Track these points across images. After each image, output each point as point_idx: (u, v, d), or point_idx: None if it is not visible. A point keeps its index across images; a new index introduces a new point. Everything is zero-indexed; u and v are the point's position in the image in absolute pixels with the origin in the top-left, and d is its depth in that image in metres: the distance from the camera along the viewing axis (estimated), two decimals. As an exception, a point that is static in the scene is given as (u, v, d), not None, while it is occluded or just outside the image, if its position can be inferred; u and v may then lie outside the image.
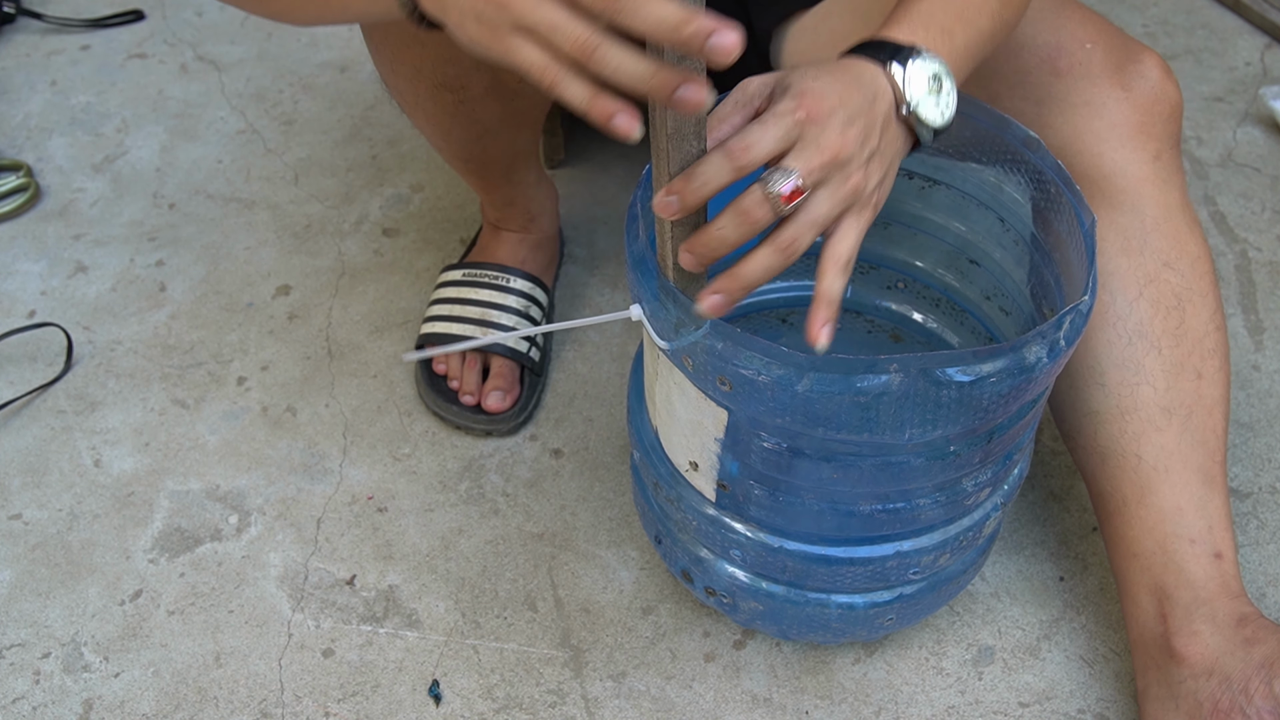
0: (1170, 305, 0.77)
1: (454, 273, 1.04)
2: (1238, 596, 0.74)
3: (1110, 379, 0.78)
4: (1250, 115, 1.27)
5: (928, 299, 0.88)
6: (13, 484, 0.98)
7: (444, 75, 0.81)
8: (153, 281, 1.14)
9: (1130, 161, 0.77)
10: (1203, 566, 0.75)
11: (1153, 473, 0.76)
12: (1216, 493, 0.77)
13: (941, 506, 0.69)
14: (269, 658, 0.86)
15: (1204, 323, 0.78)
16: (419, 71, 0.82)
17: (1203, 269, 0.79)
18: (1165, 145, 0.78)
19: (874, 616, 0.77)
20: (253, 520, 0.95)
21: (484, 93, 0.84)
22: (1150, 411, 0.77)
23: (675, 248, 0.61)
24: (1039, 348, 0.61)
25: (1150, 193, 0.77)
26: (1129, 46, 0.79)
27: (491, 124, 0.89)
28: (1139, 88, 0.77)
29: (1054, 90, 0.77)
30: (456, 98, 0.83)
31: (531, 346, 1.01)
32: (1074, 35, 0.78)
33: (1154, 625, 0.76)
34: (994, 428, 0.65)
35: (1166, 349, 0.77)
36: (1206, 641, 0.73)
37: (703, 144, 0.56)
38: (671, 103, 0.49)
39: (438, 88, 0.83)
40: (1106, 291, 0.77)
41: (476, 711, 0.83)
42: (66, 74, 1.40)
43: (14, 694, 0.85)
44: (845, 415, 0.60)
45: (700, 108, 0.49)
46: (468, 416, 0.99)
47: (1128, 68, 0.77)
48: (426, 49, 0.79)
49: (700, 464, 0.71)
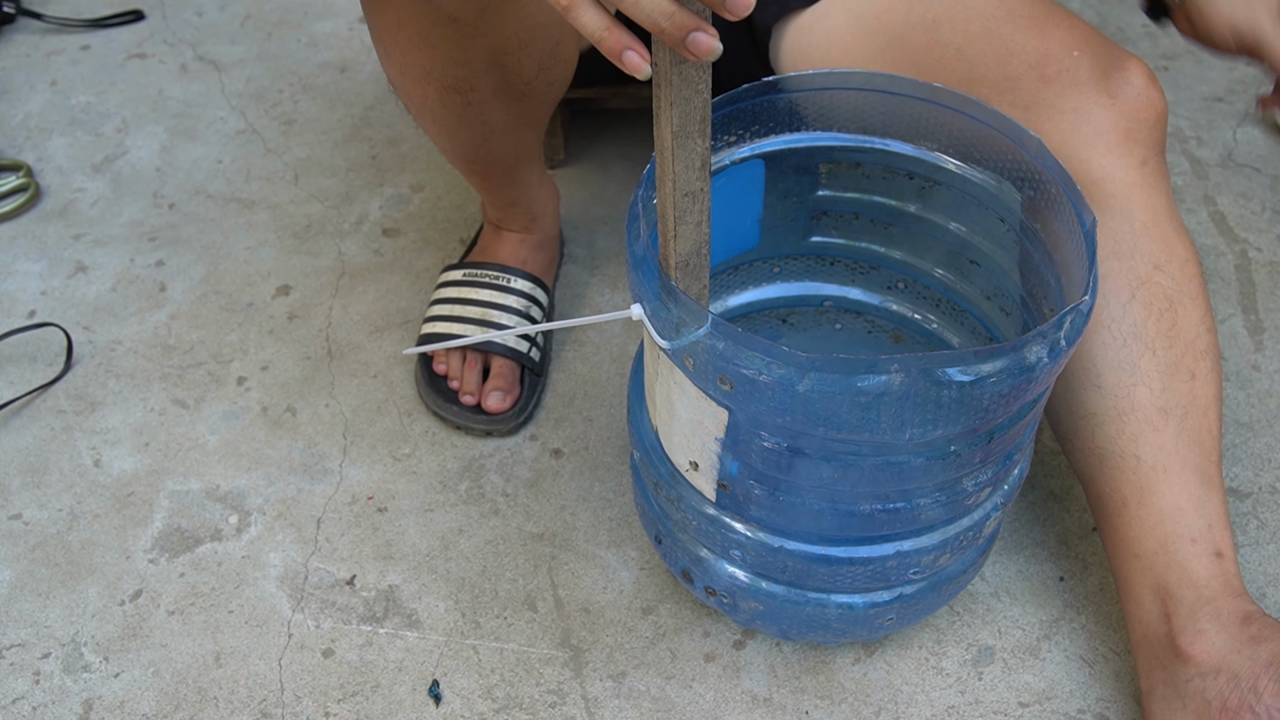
0: (1162, 307, 0.78)
1: (454, 273, 1.04)
2: (1240, 595, 0.74)
3: (1106, 380, 0.78)
4: (1250, 115, 1.28)
5: (928, 299, 0.88)
6: (13, 484, 0.98)
7: (454, 78, 0.82)
8: (153, 281, 1.14)
9: (1117, 167, 0.78)
10: (1205, 565, 0.75)
11: (1151, 473, 0.77)
12: (1214, 492, 0.77)
13: (942, 506, 0.69)
14: (269, 658, 0.86)
15: (1195, 324, 0.79)
16: (429, 74, 0.82)
17: (1192, 271, 0.80)
18: (1151, 151, 0.79)
19: (874, 616, 0.77)
20: (253, 520, 0.95)
21: (492, 94, 0.85)
22: (1147, 412, 0.77)
23: (678, 246, 0.61)
24: (1040, 347, 0.61)
25: (1138, 197, 0.78)
26: (1115, 54, 0.80)
27: (498, 125, 0.89)
28: (1125, 95, 0.78)
29: (1042, 97, 0.78)
30: (465, 99, 0.84)
31: (531, 346, 1.01)
32: (1061, 42, 0.79)
33: (1158, 625, 0.76)
34: (994, 428, 0.65)
35: (1161, 350, 0.78)
36: (1212, 640, 0.73)
37: (708, 99, 0.56)
38: (684, 46, 0.49)
39: (447, 90, 0.84)
40: (1099, 294, 0.78)
41: (476, 711, 0.83)
42: (66, 74, 1.40)
43: (14, 694, 0.85)
44: (846, 415, 0.60)
45: (710, 55, 0.49)
46: (468, 416, 0.99)
47: (1113, 75, 0.78)
48: (438, 50, 0.80)
49: (700, 464, 0.71)
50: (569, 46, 0.87)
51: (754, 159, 0.79)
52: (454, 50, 0.79)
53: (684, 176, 0.58)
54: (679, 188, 0.59)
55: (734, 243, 0.84)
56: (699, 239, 0.62)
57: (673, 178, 0.58)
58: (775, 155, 0.80)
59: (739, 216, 0.82)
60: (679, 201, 0.59)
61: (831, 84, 0.76)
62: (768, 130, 0.78)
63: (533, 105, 0.90)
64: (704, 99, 0.55)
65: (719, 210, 0.79)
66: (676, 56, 0.52)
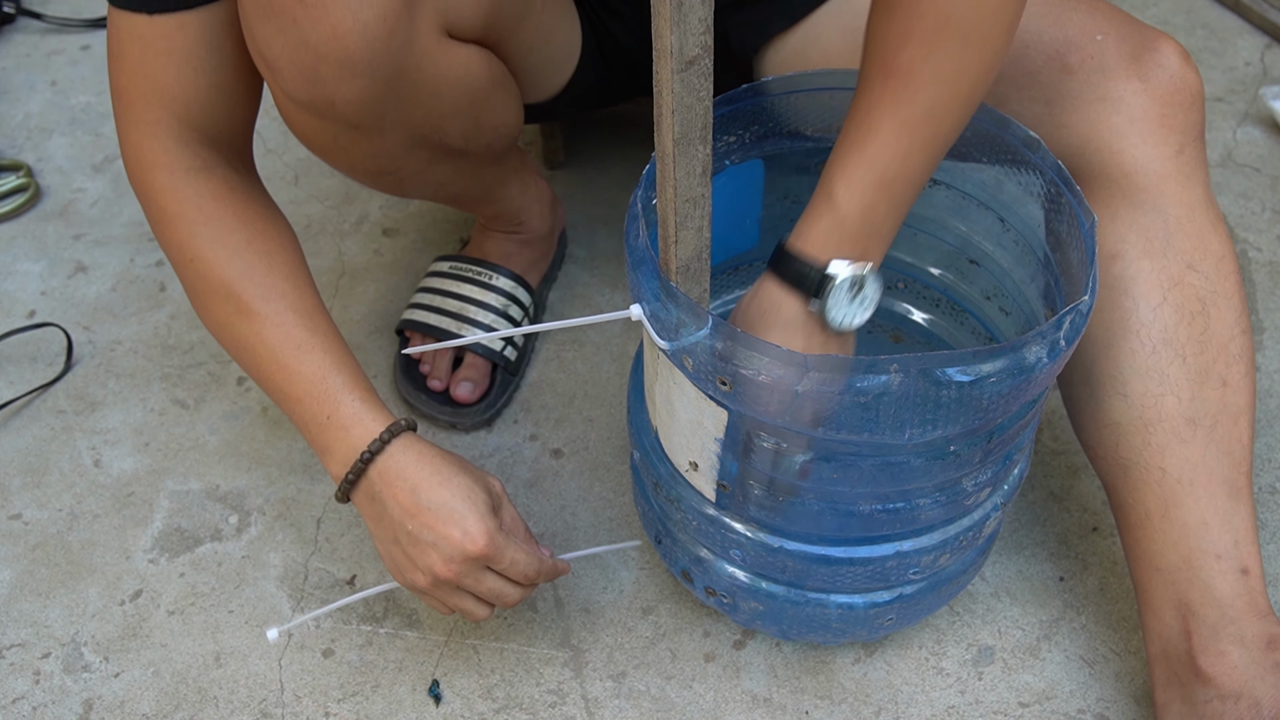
0: (1195, 310, 0.74)
1: (443, 264, 1.05)
2: (1266, 615, 0.72)
3: (1133, 389, 0.75)
4: (1250, 115, 1.27)
5: (928, 299, 0.88)
6: (13, 484, 0.98)
7: (377, 166, 0.79)
8: (153, 281, 1.14)
9: (1151, 158, 0.73)
10: (1229, 583, 0.72)
11: (1177, 486, 0.74)
12: (1243, 505, 0.74)
13: (942, 506, 0.69)
14: (269, 658, 0.86)
15: (1229, 326, 0.75)
16: (353, 168, 0.80)
17: (1227, 269, 0.75)
18: (1188, 138, 0.74)
19: (874, 616, 0.77)
20: (253, 520, 0.95)
21: (426, 164, 0.82)
22: (1174, 423, 0.74)
23: (679, 251, 0.61)
24: (1039, 348, 0.61)
25: (1173, 190, 0.74)
26: (1143, 34, 0.75)
27: (447, 179, 0.87)
28: (1157, 78, 0.73)
29: (1066, 88, 0.74)
30: (397, 177, 0.82)
31: (507, 345, 1.01)
32: (1082, 28, 0.74)
33: (1177, 641, 0.73)
34: (994, 428, 0.65)
35: (1191, 356, 0.74)
36: (1234, 663, 0.70)
37: (710, 106, 0.55)
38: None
39: (376, 175, 0.81)
40: (1129, 297, 0.74)
41: (476, 711, 0.83)
42: (66, 74, 1.40)
43: (14, 694, 0.85)
44: (846, 415, 0.60)
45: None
46: (435, 406, 0.99)
47: (1144, 57, 0.73)
48: (351, 152, 0.77)
49: (700, 464, 0.71)
50: (495, 115, 0.82)
51: (753, 159, 0.79)
52: (368, 148, 0.76)
53: (685, 183, 0.58)
54: (680, 194, 0.58)
55: (734, 243, 0.84)
56: (700, 244, 0.62)
57: (674, 184, 0.57)
58: (775, 156, 0.80)
59: (739, 217, 0.82)
60: (680, 207, 0.59)
61: (831, 84, 0.76)
62: (767, 131, 0.77)
63: (476, 159, 0.87)
64: (705, 106, 0.55)
65: (719, 210, 0.79)
66: (679, 63, 0.52)
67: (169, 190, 0.75)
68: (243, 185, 0.78)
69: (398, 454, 0.72)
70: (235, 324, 0.75)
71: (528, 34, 0.82)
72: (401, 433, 0.72)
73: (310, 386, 0.73)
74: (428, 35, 0.71)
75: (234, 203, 0.76)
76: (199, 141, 0.76)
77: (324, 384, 0.73)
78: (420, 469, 0.71)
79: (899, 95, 0.60)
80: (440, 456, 0.73)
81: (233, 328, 0.75)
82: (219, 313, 0.75)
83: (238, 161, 0.79)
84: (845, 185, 0.61)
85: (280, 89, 0.71)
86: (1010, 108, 0.76)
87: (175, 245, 0.76)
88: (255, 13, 0.67)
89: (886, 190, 0.61)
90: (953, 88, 0.61)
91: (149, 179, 0.76)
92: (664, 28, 0.51)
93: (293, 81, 0.69)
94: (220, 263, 0.75)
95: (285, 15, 0.66)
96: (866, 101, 0.61)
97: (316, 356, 0.73)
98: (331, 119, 0.72)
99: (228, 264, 0.75)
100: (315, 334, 0.74)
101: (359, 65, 0.68)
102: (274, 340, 0.74)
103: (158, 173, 0.75)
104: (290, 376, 0.73)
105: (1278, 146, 1.24)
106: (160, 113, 0.74)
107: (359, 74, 0.68)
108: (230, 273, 0.74)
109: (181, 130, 0.75)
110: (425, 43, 0.71)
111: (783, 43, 0.87)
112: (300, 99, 0.70)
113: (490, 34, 0.78)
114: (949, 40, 0.59)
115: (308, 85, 0.69)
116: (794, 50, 0.87)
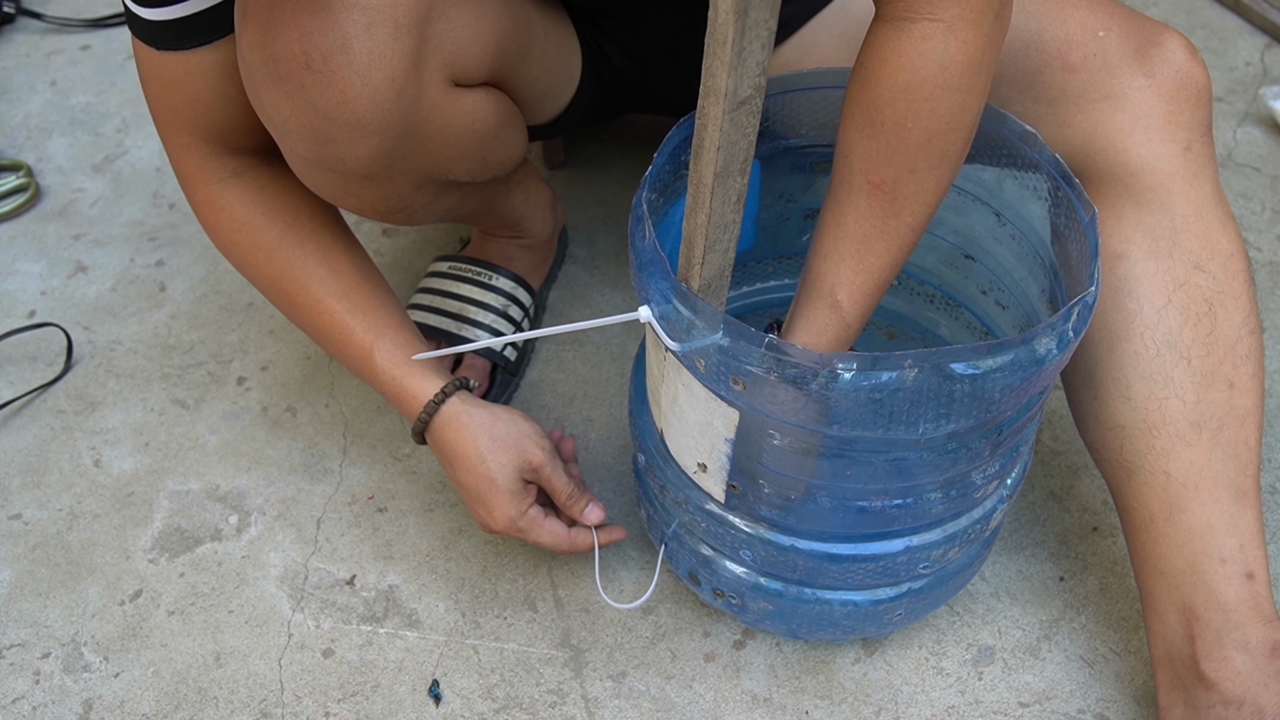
0: (1201, 311, 0.73)
1: (443, 264, 1.04)
2: (1270, 621, 0.71)
3: (1137, 392, 0.74)
4: (1250, 115, 1.28)
5: (922, 294, 0.88)
6: (13, 484, 0.98)
7: (385, 208, 0.79)
8: (153, 281, 1.14)
9: (1158, 156, 0.72)
10: (1234, 588, 0.71)
11: (1182, 490, 0.73)
12: (1249, 508, 0.73)
13: (952, 500, 0.69)
14: (269, 658, 0.86)
15: (1236, 327, 0.73)
16: (363, 210, 0.80)
17: (1235, 268, 0.74)
18: (1196, 134, 0.73)
19: (883, 612, 0.77)
20: (253, 520, 0.95)
21: (433, 198, 0.82)
22: (1179, 426, 0.73)
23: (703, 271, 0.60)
24: (1048, 340, 0.61)
25: (1180, 188, 0.73)
26: (1147, 28, 0.73)
27: (453, 205, 0.87)
28: (1163, 73, 0.72)
29: (1069, 87, 0.73)
30: (407, 212, 0.82)
31: (507, 346, 1.01)
32: (1083, 24, 0.73)
33: (1181, 645, 0.73)
34: (1003, 420, 0.65)
35: (1196, 359, 0.73)
36: (1238, 669, 0.70)
37: (753, 140, 0.55)
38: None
39: (386, 215, 0.81)
40: (1133, 299, 0.74)
41: (476, 711, 0.83)
42: (66, 74, 1.40)
43: (14, 694, 0.85)
44: (860, 412, 0.60)
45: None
46: None
47: (1148, 52, 0.72)
48: (361, 198, 0.77)
49: (709, 465, 0.70)
50: (502, 150, 0.82)
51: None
52: (378, 193, 0.76)
53: (720, 211, 0.57)
54: (714, 221, 0.58)
55: (733, 242, 0.84)
56: (724, 263, 0.62)
57: (708, 212, 0.57)
58: (770, 156, 0.80)
59: (738, 216, 0.82)
60: (711, 232, 0.59)
61: (823, 83, 0.76)
62: (762, 132, 0.77)
63: (482, 187, 0.87)
64: (750, 141, 0.55)
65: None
66: (731, 104, 0.51)
67: (206, 203, 0.82)
68: (272, 183, 0.82)
69: (438, 429, 0.81)
70: (290, 311, 0.84)
71: (531, 67, 0.82)
72: (445, 399, 0.80)
73: (360, 369, 0.83)
74: (435, 89, 0.71)
75: (263, 203, 0.82)
76: (227, 153, 0.81)
77: (368, 364, 0.82)
78: (458, 443, 0.80)
79: (887, 210, 0.63)
80: (474, 435, 0.80)
81: (290, 312, 0.84)
82: (278, 300, 0.84)
83: (270, 157, 0.81)
84: (848, 295, 0.65)
85: (289, 150, 0.71)
86: (1013, 109, 0.75)
87: (224, 251, 0.84)
88: (261, 78, 0.67)
89: (878, 292, 0.66)
90: (935, 199, 0.64)
91: (190, 193, 0.83)
92: (719, 70, 0.50)
93: (302, 143, 0.69)
94: (260, 265, 0.83)
95: (292, 81, 0.65)
96: (856, 213, 0.64)
97: (357, 337, 0.82)
98: (342, 173, 0.72)
99: (267, 265, 0.82)
100: (353, 314, 0.82)
101: (369, 126, 0.68)
102: (323, 325, 0.83)
103: (196, 187, 0.82)
104: (348, 358, 0.83)
105: (1278, 146, 1.24)
106: (188, 136, 0.79)
107: (369, 134, 0.68)
108: (270, 273, 0.83)
109: (208, 146, 0.80)
110: (433, 96, 0.71)
111: (778, 55, 0.87)
112: (310, 159, 0.71)
113: (495, 75, 0.78)
114: (930, 157, 0.62)
115: (318, 146, 0.69)
116: (790, 59, 0.86)
